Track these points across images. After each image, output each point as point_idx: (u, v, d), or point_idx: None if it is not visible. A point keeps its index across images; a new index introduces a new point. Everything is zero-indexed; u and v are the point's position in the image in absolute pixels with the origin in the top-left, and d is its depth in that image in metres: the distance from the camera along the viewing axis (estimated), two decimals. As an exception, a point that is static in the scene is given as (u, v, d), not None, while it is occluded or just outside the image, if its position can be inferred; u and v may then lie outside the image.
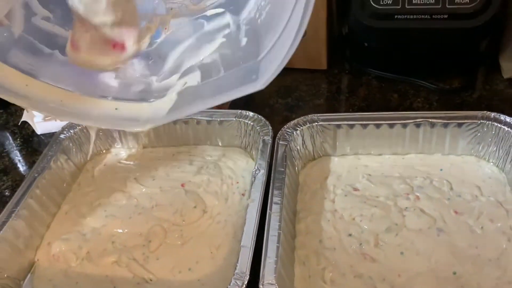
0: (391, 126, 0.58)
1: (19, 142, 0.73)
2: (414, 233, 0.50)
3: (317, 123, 0.59)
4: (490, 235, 0.49)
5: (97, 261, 0.51)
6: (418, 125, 0.57)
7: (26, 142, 0.73)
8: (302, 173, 0.60)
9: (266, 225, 0.47)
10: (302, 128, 0.59)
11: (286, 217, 0.50)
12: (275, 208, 0.49)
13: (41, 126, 0.72)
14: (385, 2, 0.67)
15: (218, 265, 0.49)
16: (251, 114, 0.62)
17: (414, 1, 0.66)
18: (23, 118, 0.73)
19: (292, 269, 0.48)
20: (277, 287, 0.42)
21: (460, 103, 0.69)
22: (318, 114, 0.60)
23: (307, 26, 0.34)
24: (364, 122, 0.58)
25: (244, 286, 0.42)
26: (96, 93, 0.48)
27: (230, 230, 0.53)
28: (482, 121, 0.56)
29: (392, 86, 0.74)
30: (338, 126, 0.59)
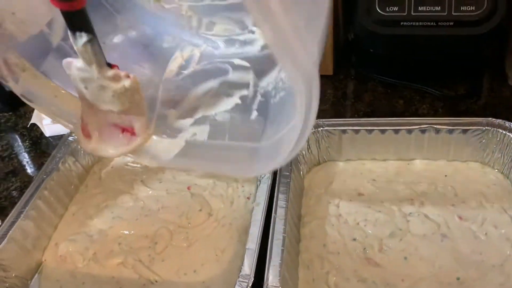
0: (396, 131, 0.58)
1: (28, 144, 0.74)
2: (418, 238, 0.50)
3: (322, 128, 0.60)
4: (494, 242, 0.49)
5: (103, 262, 0.52)
6: (423, 131, 0.58)
7: (34, 144, 0.74)
8: (307, 177, 0.60)
9: (271, 228, 0.48)
10: (307, 133, 0.59)
11: (290, 221, 0.50)
12: (280, 212, 0.50)
13: (49, 129, 0.73)
14: (391, 8, 0.67)
15: (223, 267, 0.49)
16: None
17: (420, 8, 0.66)
18: (32, 120, 0.74)
19: (296, 272, 0.49)
20: (281, 290, 0.42)
21: (465, 110, 0.69)
22: (324, 119, 0.60)
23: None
24: (369, 127, 0.59)
25: (248, 288, 0.42)
26: None
27: (235, 233, 0.53)
28: (487, 127, 0.56)
29: (397, 92, 0.74)
30: (343, 132, 0.59)
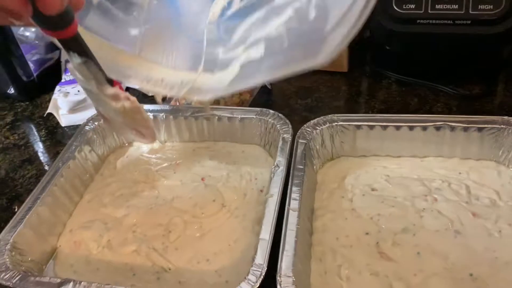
0: (411, 128, 0.58)
1: (44, 134, 0.75)
2: (431, 234, 0.50)
3: (337, 123, 0.60)
4: (508, 239, 0.49)
5: (117, 249, 0.52)
6: (438, 128, 0.58)
7: (50, 133, 0.75)
8: (320, 172, 0.60)
9: (285, 219, 0.48)
10: (322, 127, 0.60)
11: (303, 213, 0.50)
12: (294, 204, 0.50)
13: (65, 119, 0.74)
14: (408, 6, 0.67)
15: (235, 257, 0.50)
16: (272, 112, 0.62)
17: (437, 6, 0.66)
18: (49, 110, 0.75)
19: (308, 264, 0.49)
20: (294, 280, 0.42)
21: (480, 109, 0.69)
22: (338, 114, 0.60)
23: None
24: (384, 123, 0.59)
25: (261, 277, 0.42)
26: (167, 63, 0.51)
27: (248, 224, 0.53)
28: (502, 126, 0.56)
29: (412, 90, 0.74)
30: (358, 127, 0.59)
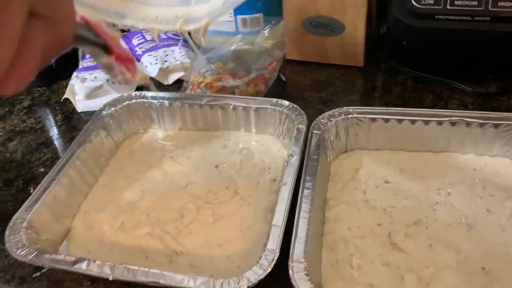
0: (426, 123, 0.58)
1: (60, 118, 0.76)
2: (444, 227, 0.50)
3: (352, 116, 0.60)
4: (522, 235, 0.49)
5: (130, 232, 0.53)
6: (453, 123, 0.57)
7: (66, 118, 0.75)
8: (333, 164, 0.60)
9: (298, 206, 0.48)
10: (337, 119, 0.60)
11: (316, 203, 0.50)
12: (307, 192, 0.50)
13: (82, 104, 0.75)
14: (426, 1, 0.67)
15: (248, 243, 0.50)
16: (287, 103, 0.62)
17: (456, 2, 0.66)
18: (65, 95, 0.76)
19: (320, 253, 0.49)
20: (306, 266, 0.42)
21: (496, 107, 0.69)
22: (354, 107, 0.60)
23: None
24: (399, 117, 0.58)
25: (274, 262, 0.43)
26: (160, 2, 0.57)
27: (261, 212, 0.54)
28: (519, 123, 0.56)
29: (427, 87, 0.74)
30: (373, 120, 0.59)
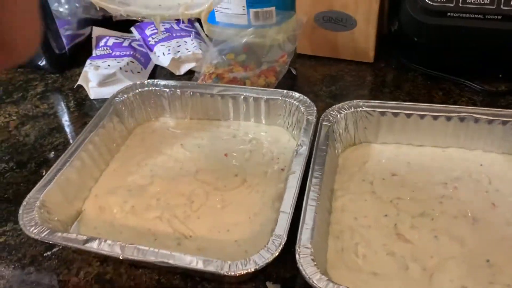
0: (435, 118, 0.58)
1: (73, 105, 0.77)
2: (449, 219, 0.50)
3: (361, 109, 0.60)
4: (527, 230, 0.49)
5: (140, 215, 0.54)
6: (462, 119, 0.58)
7: (79, 105, 0.77)
8: (341, 156, 0.61)
9: (306, 194, 0.49)
10: (346, 112, 0.60)
11: (324, 192, 0.51)
12: (315, 181, 0.51)
13: (94, 91, 0.76)
14: (439, -1, 0.67)
15: (255, 229, 0.51)
16: (297, 95, 0.63)
17: (468, 0, 0.66)
18: (79, 82, 0.77)
19: (326, 241, 0.50)
20: (312, 251, 0.43)
21: (505, 106, 0.69)
22: (363, 100, 0.61)
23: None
24: (408, 111, 0.59)
25: (281, 246, 0.43)
26: None
27: (268, 200, 0.54)
28: (528, 120, 0.56)
29: (437, 84, 0.74)
30: (382, 114, 0.60)
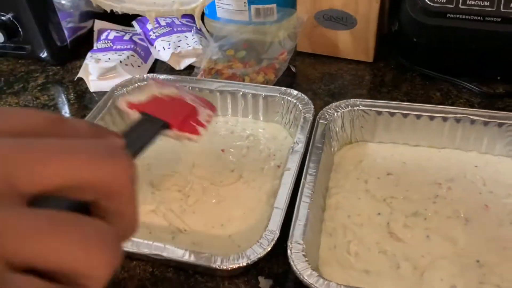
0: (432, 118, 0.59)
1: (73, 97, 0.77)
2: (442, 219, 0.51)
3: (358, 108, 0.61)
4: (519, 231, 0.50)
5: (136, 208, 0.54)
6: (458, 120, 0.58)
7: (79, 97, 0.77)
8: (337, 154, 0.61)
9: (300, 191, 0.49)
10: (343, 110, 0.61)
11: (318, 189, 0.52)
12: (310, 179, 0.51)
13: (94, 84, 0.77)
14: (439, 0, 0.68)
15: (249, 224, 0.51)
16: (295, 92, 0.64)
17: (468, 1, 0.66)
18: (79, 75, 0.77)
19: (318, 238, 0.50)
20: (304, 247, 0.44)
21: (502, 108, 0.69)
22: (360, 99, 0.62)
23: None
24: (405, 111, 0.59)
25: (273, 241, 0.44)
26: None
27: (264, 196, 0.55)
28: (524, 123, 0.57)
29: (435, 85, 0.75)
30: (379, 113, 0.60)
